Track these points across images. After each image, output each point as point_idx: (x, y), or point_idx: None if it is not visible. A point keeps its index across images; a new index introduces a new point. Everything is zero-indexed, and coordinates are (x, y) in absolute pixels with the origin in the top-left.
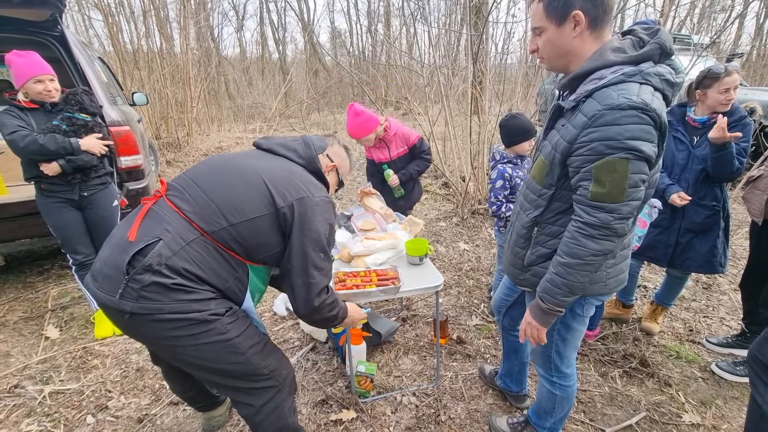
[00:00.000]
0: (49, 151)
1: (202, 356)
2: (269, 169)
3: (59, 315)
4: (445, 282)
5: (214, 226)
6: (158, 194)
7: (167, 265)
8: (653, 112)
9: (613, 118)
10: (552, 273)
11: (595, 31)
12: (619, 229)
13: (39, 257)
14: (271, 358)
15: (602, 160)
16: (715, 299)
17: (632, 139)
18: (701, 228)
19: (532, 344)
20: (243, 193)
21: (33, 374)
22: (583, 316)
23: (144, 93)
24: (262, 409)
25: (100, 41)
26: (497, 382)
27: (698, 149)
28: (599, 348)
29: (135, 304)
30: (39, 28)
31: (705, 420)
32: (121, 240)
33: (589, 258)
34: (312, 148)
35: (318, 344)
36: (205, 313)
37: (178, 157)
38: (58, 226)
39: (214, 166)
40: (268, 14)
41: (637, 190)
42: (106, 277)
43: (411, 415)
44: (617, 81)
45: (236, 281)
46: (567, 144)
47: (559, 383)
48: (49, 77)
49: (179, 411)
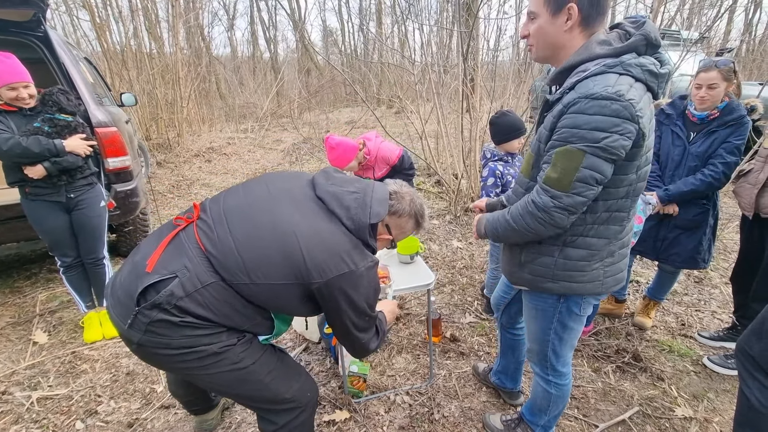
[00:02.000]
0: (34, 153)
1: (216, 382)
2: (311, 235)
3: (47, 319)
4: (439, 280)
5: (235, 279)
6: (191, 219)
7: (177, 306)
8: (627, 102)
9: (583, 106)
10: (497, 215)
11: (586, 29)
12: (556, 218)
13: (27, 261)
14: (292, 381)
15: (564, 147)
16: (706, 293)
17: (595, 129)
18: (690, 225)
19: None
20: (273, 258)
21: (21, 380)
22: (580, 315)
23: (133, 93)
24: (284, 426)
25: (88, 41)
26: (491, 378)
27: (694, 146)
28: (592, 343)
29: (143, 337)
30: (22, 28)
31: (697, 413)
32: (141, 261)
33: (521, 228)
34: (367, 213)
35: (311, 345)
36: (214, 346)
37: (168, 158)
38: (46, 230)
39: (254, 207)
40: (258, 13)
41: (586, 187)
42: (119, 300)
43: (404, 414)
44: (598, 72)
45: (253, 328)
46: (548, 133)
47: (554, 382)
48: (23, 84)
49: (170, 414)
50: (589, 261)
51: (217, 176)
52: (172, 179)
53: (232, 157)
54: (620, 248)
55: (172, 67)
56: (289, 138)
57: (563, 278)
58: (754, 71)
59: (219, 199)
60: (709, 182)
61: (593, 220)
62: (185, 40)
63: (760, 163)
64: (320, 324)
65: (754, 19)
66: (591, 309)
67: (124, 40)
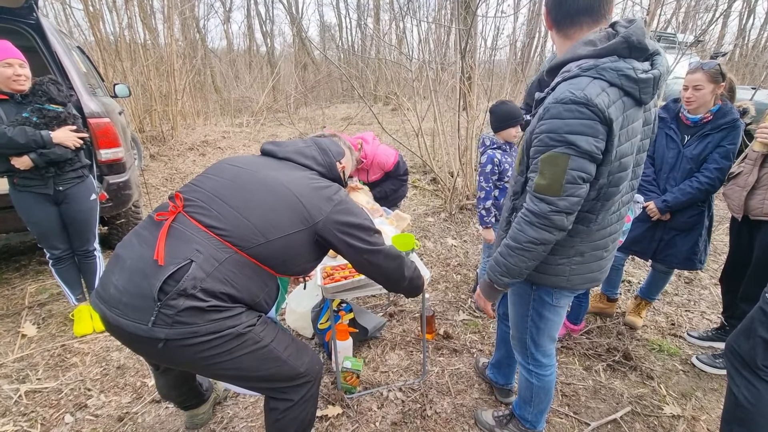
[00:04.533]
0: (19, 144)
1: (241, 367)
2: (296, 182)
3: (37, 312)
4: (433, 277)
5: (250, 243)
6: (175, 209)
7: (203, 289)
8: (595, 108)
9: (557, 111)
10: (497, 253)
11: (560, 32)
12: (556, 221)
13: (16, 252)
14: (304, 355)
15: (547, 153)
16: (696, 293)
17: (571, 133)
18: (686, 226)
19: (482, 307)
20: (278, 211)
21: (9, 373)
22: (554, 305)
23: (126, 85)
24: (299, 402)
25: (80, 31)
26: (487, 372)
27: (688, 149)
28: (584, 342)
29: (170, 330)
30: (13, 15)
31: (685, 411)
32: (141, 264)
33: (527, 244)
34: (330, 155)
35: (304, 340)
36: (239, 327)
37: (162, 151)
38: (34, 221)
39: (237, 181)
40: (255, 6)
41: (576, 187)
42: (129, 306)
43: (397, 410)
44: (573, 75)
45: (266, 295)
46: (528, 134)
47: (535, 372)
48: (19, 62)
49: (161, 409)
50: (554, 256)
51: None
52: (165, 172)
53: (227, 150)
54: (592, 250)
55: (166, 59)
56: (284, 133)
57: (538, 269)
58: (747, 76)
59: (195, 188)
60: (705, 189)
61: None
62: (180, 32)
63: (749, 166)
64: (314, 320)
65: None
66: (565, 300)
67: (118, 30)
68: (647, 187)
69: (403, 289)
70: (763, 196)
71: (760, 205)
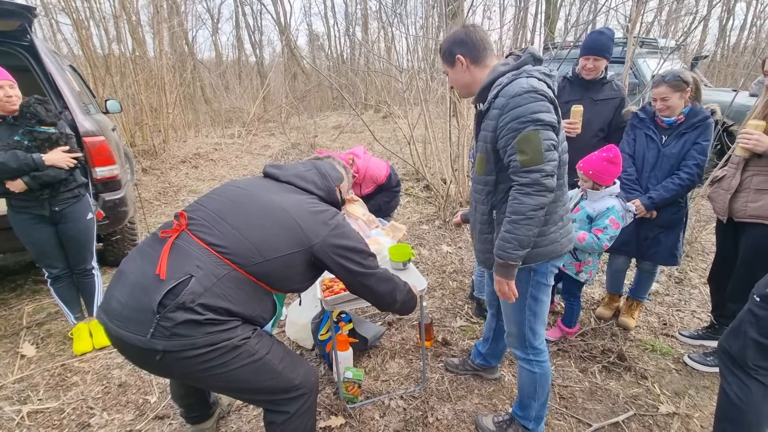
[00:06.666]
0: (11, 168)
1: (237, 379)
2: (295, 206)
3: (35, 332)
4: (429, 285)
5: (248, 262)
6: (179, 227)
7: (201, 303)
8: (542, 92)
9: (516, 102)
10: (503, 232)
11: (478, 64)
12: (547, 184)
13: (11, 272)
14: (299, 367)
15: (520, 135)
16: (686, 293)
17: (534, 113)
18: (669, 223)
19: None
20: (277, 232)
21: (9, 394)
22: (547, 285)
23: (117, 100)
24: (295, 414)
25: (68, 46)
26: (476, 361)
27: (667, 148)
28: (579, 344)
29: (168, 342)
30: (6, 37)
31: (679, 409)
32: (143, 279)
33: (530, 212)
34: (329, 180)
35: (304, 351)
36: (234, 340)
37: (154, 165)
38: (31, 242)
39: (238, 202)
40: (243, 17)
41: (551, 152)
42: (130, 319)
43: (399, 418)
44: (509, 81)
45: (263, 310)
46: (492, 134)
47: (535, 360)
48: (9, 83)
49: (165, 425)
50: (547, 226)
51: (205, 183)
52: (158, 186)
53: (219, 162)
54: (565, 213)
55: (156, 73)
56: (276, 143)
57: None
58: (728, 78)
59: (199, 207)
60: (687, 185)
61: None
62: (169, 45)
63: (732, 169)
64: (314, 331)
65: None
66: (552, 279)
67: (106, 44)
68: (630, 186)
69: (395, 310)
70: (745, 198)
71: (743, 207)
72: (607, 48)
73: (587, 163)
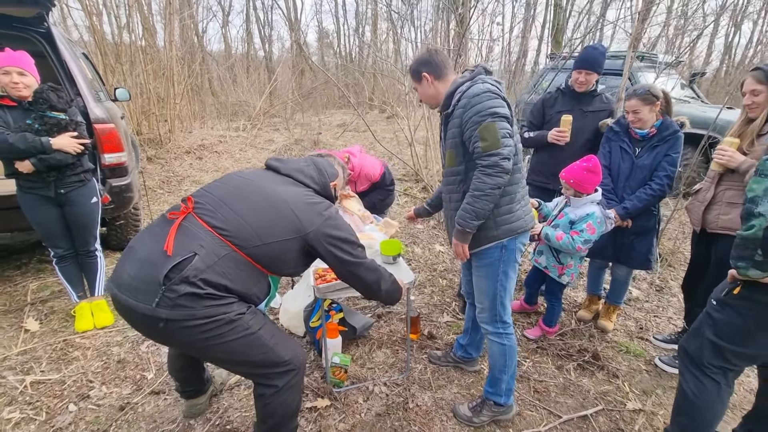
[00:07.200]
0: (20, 149)
1: (231, 351)
2: (293, 197)
3: (39, 308)
4: (420, 281)
5: (248, 244)
6: (186, 210)
7: (202, 278)
8: (496, 91)
9: (476, 101)
10: (464, 204)
11: (441, 80)
12: (504, 165)
13: (16, 251)
14: (288, 346)
15: (481, 126)
16: (665, 300)
17: (491, 108)
18: (642, 230)
19: (458, 257)
20: (275, 219)
21: (13, 365)
22: (516, 261)
23: (126, 89)
24: (282, 389)
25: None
26: (457, 353)
27: (640, 159)
28: (557, 344)
29: (170, 312)
30: (25, 24)
31: (646, 406)
32: (153, 255)
33: (488, 190)
34: (325, 175)
35: (296, 338)
36: (230, 314)
37: (159, 154)
38: (38, 221)
39: (242, 190)
40: (254, 11)
41: (507, 139)
42: (138, 290)
43: (381, 403)
44: (470, 86)
45: (258, 290)
46: (459, 129)
47: (505, 333)
48: (17, 70)
49: (160, 400)
50: (512, 204)
51: (208, 174)
52: (162, 175)
53: (223, 155)
54: (525, 194)
55: (165, 63)
56: (280, 138)
57: (502, 223)
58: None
59: (205, 193)
60: (658, 195)
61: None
62: (179, 36)
63: (708, 183)
64: (306, 318)
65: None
66: (521, 255)
67: (117, 31)
68: (607, 196)
69: (380, 298)
70: (718, 211)
71: (715, 219)
72: (600, 63)
73: (568, 172)
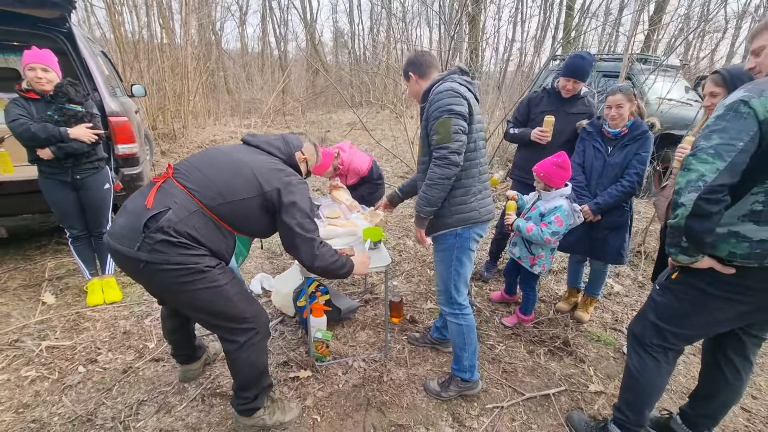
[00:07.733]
0: (40, 138)
1: (199, 298)
2: (256, 162)
3: (55, 284)
4: (408, 272)
5: (213, 202)
6: (167, 174)
7: (174, 229)
8: (456, 91)
9: (439, 97)
10: (420, 192)
11: (424, 78)
12: (453, 159)
13: (36, 234)
14: (252, 306)
15: (437, 120)
16: (645, 295)
17: (449, 105)
18: (615, 225)
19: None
20: (236, 180)
21: (31, 332)
22: (471, 250)
23: (143, 85)
24: (243, 345)
25: (101, 29)
26: (433, 335)
27: (612, 158)
28: (532, 331)
29: (149, 255)
30: (49, 24)
31: (607, 389)
32: (137, 208)
33: (438, 180)
34: (290, 146)
35: (286, 318)
36: (201, 265)
37: (172, 148)
38: (55, 203)
39: (213, 158)
40: (270, 11)
41: (459, 135)
42: (125, 236)
43: (359, 376)
44: (440, 84)
45: (225, 246)
46: (426, 122)
47: (461, 314)
48: (42, 67)
49: (159, 366)
50: (466, 196)
51: None
52: None
53: None
54: (484, 189)
55: (182, 61)
56: None
57: (455, 212)
58: None
59: (183, 162)
60: (628, 191)
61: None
62: (197, 34)
63: (672, 180)
64: (294, 299)
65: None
66: (476, 245)
67: (137, 29)
68: (581, 192)
69: (316, 272)
70: None
71: None
72: (587, 72)
73: (540, 166)
